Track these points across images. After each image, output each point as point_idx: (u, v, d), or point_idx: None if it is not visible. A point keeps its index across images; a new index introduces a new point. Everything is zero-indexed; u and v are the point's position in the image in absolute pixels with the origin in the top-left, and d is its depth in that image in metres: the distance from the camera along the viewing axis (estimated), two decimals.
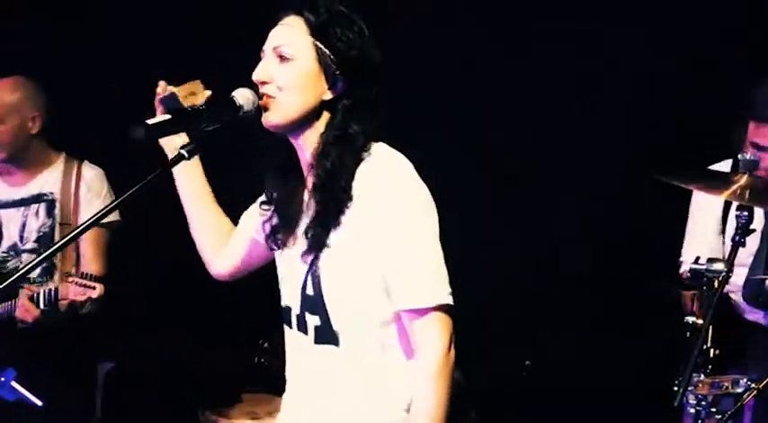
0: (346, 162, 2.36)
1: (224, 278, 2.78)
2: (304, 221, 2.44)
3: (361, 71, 2.37)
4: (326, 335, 2.42)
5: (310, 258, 2.40)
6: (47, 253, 2.19)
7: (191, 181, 2.69)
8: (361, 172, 2.36)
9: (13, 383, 3.32)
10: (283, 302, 2.53)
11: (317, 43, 2.37)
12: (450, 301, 2.37)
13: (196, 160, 2.66)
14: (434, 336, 2.35)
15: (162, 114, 2.56)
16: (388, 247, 2.34)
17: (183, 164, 2.40)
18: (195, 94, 2.54)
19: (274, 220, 2.53)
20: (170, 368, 4.96)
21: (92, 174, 4.16)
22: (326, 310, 2.40)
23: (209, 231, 2.73)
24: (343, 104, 2.38)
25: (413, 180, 2.38)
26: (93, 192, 4.13)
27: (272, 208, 2.54)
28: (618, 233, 4.48)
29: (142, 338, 4.87)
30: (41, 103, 4.13)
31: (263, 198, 2.59)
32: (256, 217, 2.62)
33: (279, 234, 2.51)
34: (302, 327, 2.47)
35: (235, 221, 2.73)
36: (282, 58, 2.40)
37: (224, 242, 2.72)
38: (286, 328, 2.53)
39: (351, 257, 2.36)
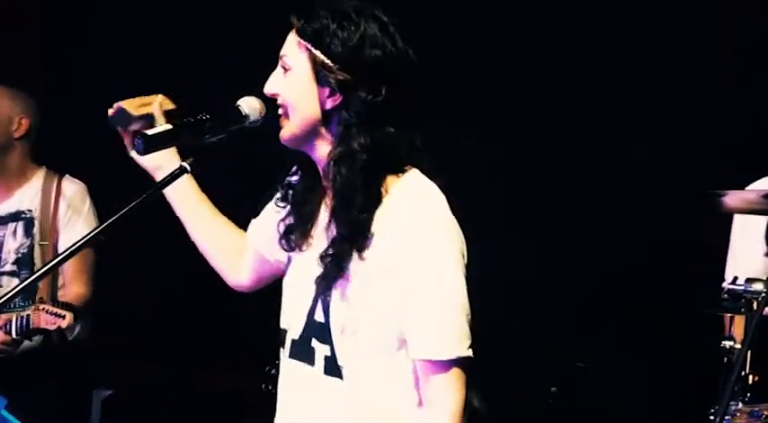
0: (355, 183, 2.18)
1: (243, 290, 2.61)
2: (318, 227, 2.29)
3: (359, 75, 2.18)
4: (332, 367, 2.26)
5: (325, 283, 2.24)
6: (29, 280, 2.03)
7: (184, 195, 2.52)
8: (388, 202, 2.20)
9: (3, 412, 3.17)
10: (282, 324, 2.37)
11: (310, 48, 2.20)
12: (469, 354, 2.21)
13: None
14: (448, 390, 2.20)
15: (127, 140, 2.46)
16: (410, 291, 2.17)
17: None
18: (149, 105, 2.40)
19: (289, 220, 2.35)
20: (170, 395, 4.84)
21: (72, 189, 4.01)
22: (332, 341, 2.24)
23: (215, 245, 2.56)
24: (342, 116, 2.20)
25: (443, 217, 2.22)
26: (73, 209, 3.98)
27: (288, 206, 2.36)
28: (649, 255, 4.37)
29: (141, 364, 4.76)
30: (31, 112, 4.03)
31: (278, 195, 2.40)
32: (260, 229, 2.46)
33: (292, 235, 2.34)
34: (304, 355, 2.30)
35: (243, 226, 2.57)
36: (284, 68, 2.26)
37: (236, 252, 2.55)
38: (281, 352, 2.37)
39: (367, 292, 2.20)
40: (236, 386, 4.40)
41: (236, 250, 2.55)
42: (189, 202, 2.53)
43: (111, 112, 2.45)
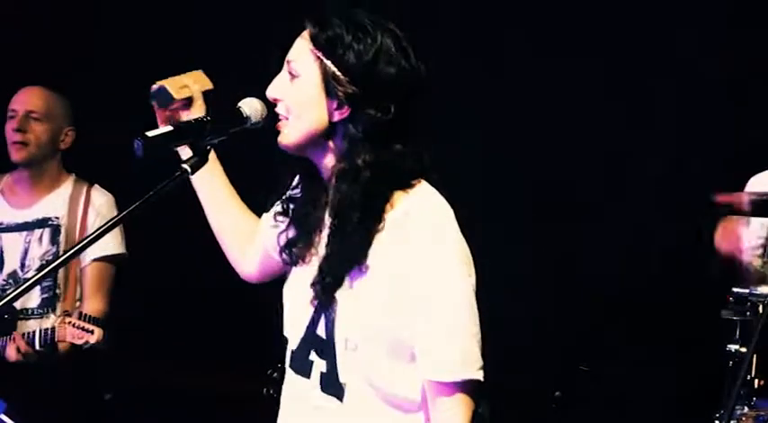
0: (354, 200, 2.14)
1: (252, 281, 2.57)
2: (321, 239, 2.24)
3: (370, 91, 2.13)
4: (331, 385, 2.21)
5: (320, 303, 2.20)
6: (31, 281, 2.01)
7: (208, 181, 2.49)
8: (395, 218, 2.15)
9: (3, 416, 3.16)
10: (284, 332, 2.34)
11: (321, 57, 2.14)
12: (479, 376, 2.15)
13: (214, 158, 2.47)
14: (455, 414, 2.15)
15: (160, 118, 2.42)
16: (418, 311, 2.12)
17: (204, 170, 2.22)
18: (188, 87, 2.38)
19: (290, 233, 2.31)
20: (172, 398, 4.82)
21: (102, 199, 3.99)
22: (335, 358, 2.19)
23: (231, 233, 2.53)
24: (349, 130, 2.15)
25: (452, 234, 2.16)
26: (101, 218, 3.94)
27: (289, 219, 2.33)
28: (651, 259, 4.36)
29: (143, 367, 4.73)
30: (73, 123, 4.04)
31: (278, 208, 2.37)
32: (267, 226, 2.42)
33: (295, 247, 2.29)
34: (300, 367, 2.26)
35: (259, 214, 2.54)
36: (291, 74, 2.20)
37: (250, 243, 2.51)
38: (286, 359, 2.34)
39: (374, 308, 2.15)
40: (237, 389, 4.39)
41: (250, 241, 2.51)
42: (218, 195, 2.50)
43: (153, 88, 2.41)
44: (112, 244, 3.88)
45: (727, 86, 4.25)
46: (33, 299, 3.84)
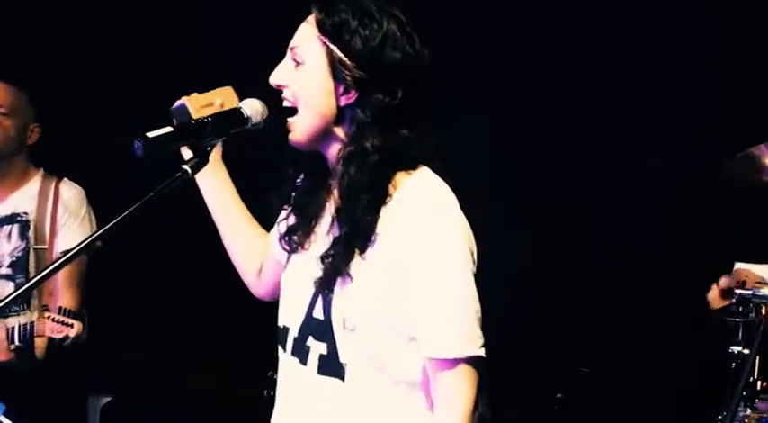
0: (363, 183, 2.15)
1: (261, 297, 2.57)
2: (321, 226, 2.26)
3: (377, 75, 2.14)
4: (332, 366, 2.21)
5: (324, 283, 2.20)
6: (26, 286, 2.00)
7: (219, 194, 2.49)
8: (397, 199, 2.16)
9: (2, 418, 3.15)
10: (280, 322, 2.33)
11: (327, 42, 2.16)
12: (481, 353, 2.16)
13: (222, 169, 2.48)
14: (458, 391, 2.15)
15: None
16: (419, 288, 2.13)
17: (209, 173, 2.27)
18: (212, 105, 2.34)
19: (291, 220, 2.33)
20: (171, 401, 4.81)
21: (70, 193, 3.98)
22: (334, 339, 2.20)
23: (241, 247, 2.52)
24: (356, 115, 2.17)
25: (454, 215, 2.18)
26: (70, 212, 3.93)
27: (291, 207, 2.34)
28: (651, 259, 4.34)
29: (141, 369, 4.73)
30: (37, 120, 4.02)
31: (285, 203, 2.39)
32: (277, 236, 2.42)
33: (295, 235, 2.31)
34: (301, 353, 2.26)
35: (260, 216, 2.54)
36: (296, 61, 2.21)
37: (259, 258, 2.51)
38: (281, 351, 2.33)
39: (371, 288, 2.16)
40: (237, 391, 4.38)
41: (260, 256, 2.51)
42: (223, 200, 2.50)
43: (175, 104, 2.37)
44: (83, 236, 3.85)
45: (727, 83, 4.24)
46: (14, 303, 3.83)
